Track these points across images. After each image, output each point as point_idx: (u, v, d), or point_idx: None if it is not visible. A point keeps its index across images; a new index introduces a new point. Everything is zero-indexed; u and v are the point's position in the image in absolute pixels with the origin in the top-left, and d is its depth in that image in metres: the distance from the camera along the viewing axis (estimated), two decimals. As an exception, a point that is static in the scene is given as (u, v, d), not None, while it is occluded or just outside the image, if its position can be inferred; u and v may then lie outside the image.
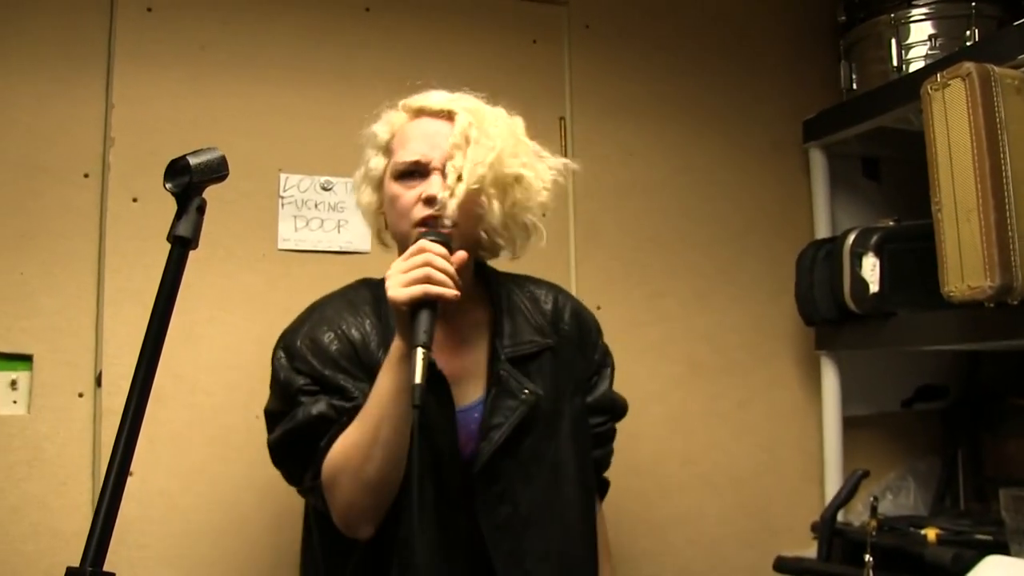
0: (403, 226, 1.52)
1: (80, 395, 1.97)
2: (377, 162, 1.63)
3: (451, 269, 1.37)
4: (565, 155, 2.37)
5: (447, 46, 2.31)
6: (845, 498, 2.17)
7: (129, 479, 1.94)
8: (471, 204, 1.50)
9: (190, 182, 1.17)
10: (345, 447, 1.43)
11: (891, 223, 2.21)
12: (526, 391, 1.54)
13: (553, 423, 1.58)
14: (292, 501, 2.06)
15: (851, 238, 2.22)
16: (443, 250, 1.38)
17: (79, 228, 2.00)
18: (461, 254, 1.43)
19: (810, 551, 2.37)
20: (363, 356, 1.53)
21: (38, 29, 2.01)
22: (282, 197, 2.14)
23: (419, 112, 1.63)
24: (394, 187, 1.55)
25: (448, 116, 1.58)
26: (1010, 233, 1.83)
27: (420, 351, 1.28)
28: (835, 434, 2.43)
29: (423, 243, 1.38)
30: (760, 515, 2.43)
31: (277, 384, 1.57)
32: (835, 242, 2.29)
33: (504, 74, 2.34)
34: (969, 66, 1.87)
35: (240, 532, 2.03)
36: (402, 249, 1.52)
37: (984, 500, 2.48)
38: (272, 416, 1.58)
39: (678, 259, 2.44)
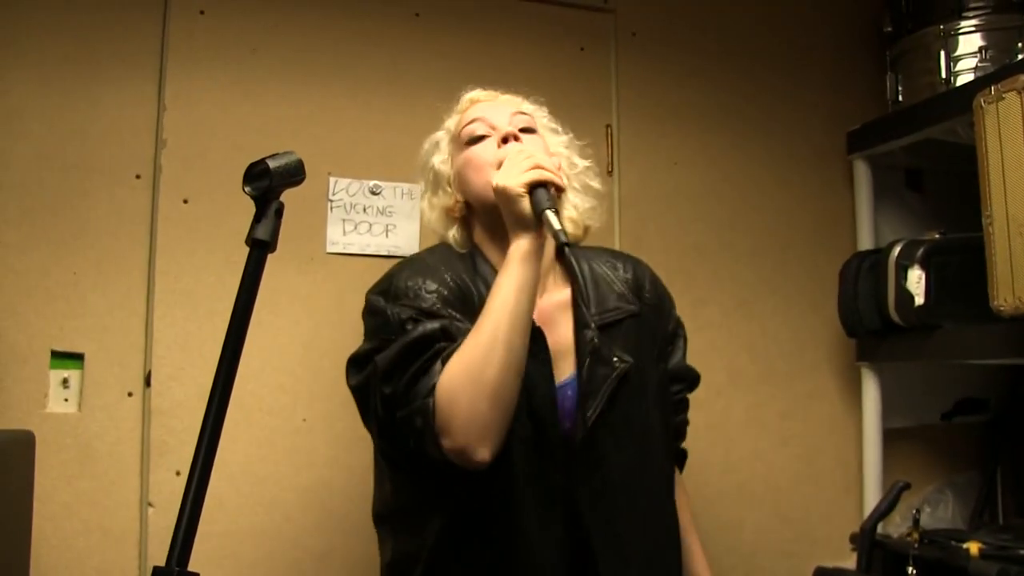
0: (485, 176, 1.52)
1: (130, 394, 1.99)
2: (442, 158, 1.66)
3: (552, 164, 1.44)
4: (611, 162, 2.39)
5: (495, 52, 2.32)
6: (886, 510, 2.16)
7: (176, 478, 2.00)
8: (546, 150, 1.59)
9: (269, 186, 1.17)
10: (463, 351, 1.37)
11: (937, 235, 2.20)
12: (616, 358, 1.53)
13: (641, 389, 1.57)
14: (336, 503, 2.08)
15: (896, 250, 2.21)
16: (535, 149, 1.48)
17: (130, 229, 2.03)
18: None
19: (848, 562, 2.36)
20: (465, 296, 1.50)
21: (91, 31, 2.04)
22: (331, 200, 2.15)
23: (473, 101, 1.70)
24: (467, 152, 1.59)
25: (507, 100, 1.69)
26: (1063, 249, 1.83)
27: (550, 212, 1.35)
28: (875, 446, 2.43)
29: (517, 145, 1.50)
30: (798, 525, 2.43)
31: (377, 320, 1.48)
32: (880, 254, 2.28)
33: (552, 81, 2.34)
34: (1024, 79, 1.86)
35: (283, 534, 2.05)
36: (485, 213, 1.56)
37: (1024, 515, 2.47)
38: (366, 355, 1.48)
39: (721, 268, 2.44)
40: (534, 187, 1.38)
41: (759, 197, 2.50)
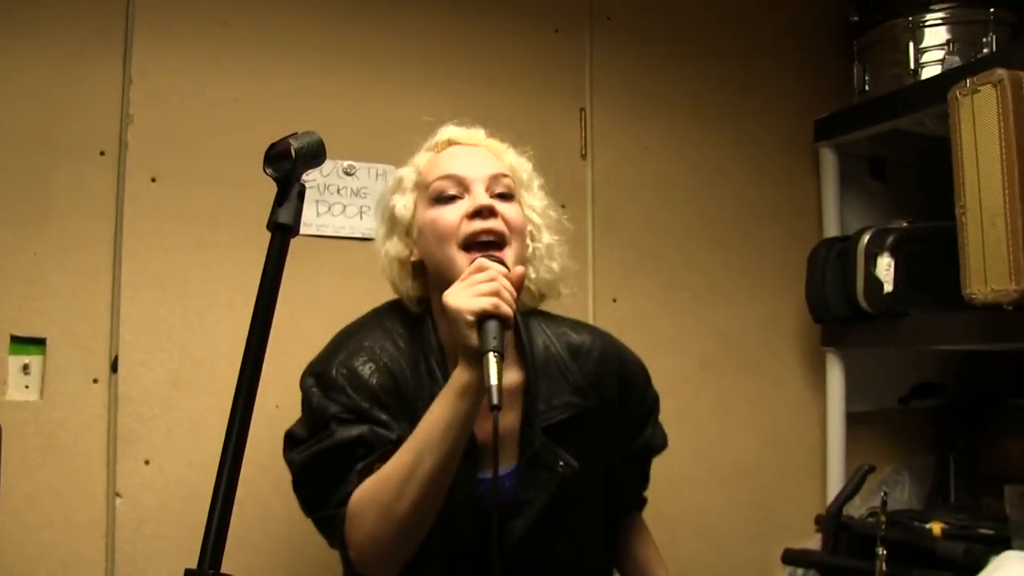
0: (446, 249, 1.43)
1: (95, 381, 1.91)
2: (404, 202, 1.52)
3: (513, 290, 1.31)
4: (585, 146, 2.37)
5: (471, 31, 2.28)
6: (851, 492, 2.21)
7: (146, 468, 1.93)
8: (522, 225, 1.49)
9: (293, 167, 1.11)
10: (379, 479, 1.32)
11: (905, 224, 2.24)
12: (561, 463, 1.46)
13: (583, 490, 1.53)
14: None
15: (866, 238, 2.25)
16: (503, 268, 1.33)
17: (95, 208, 1.94)
18: (519, 269, 1.37)
19: (813, 543, 2.41)
20: (404, 393, 1.44)
21: (53, -1, 1.93)
22: (304, 181, 2.08)
23: (449, 143, 1.57)
24: (431, 212, 1.47)
25: (486, 148, 1.56)
26: (1036, 239, 1.88)
27: (492, 356, 1.22)
28: (838, 430, 2.47)
29: (482, 261, 1.33)
30: (765, 508, 2.47)
31: (307, 411, 1.46)
32: (848, 241, 2.31)
33: (526, 62, 2.32)
34: (1002, 73, 1.90)
35: (260, 523, 1.99)
36: (440, 282, 1.43)
37: (976, 496, 2.54)
38: (297, 440, 1.47)
39: (692, 253, 2.45)
40: (485, 317, 1.26)
41: (728, 183, 2.52)
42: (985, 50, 2.23)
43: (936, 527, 2.14)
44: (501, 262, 1.36)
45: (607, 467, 1.60)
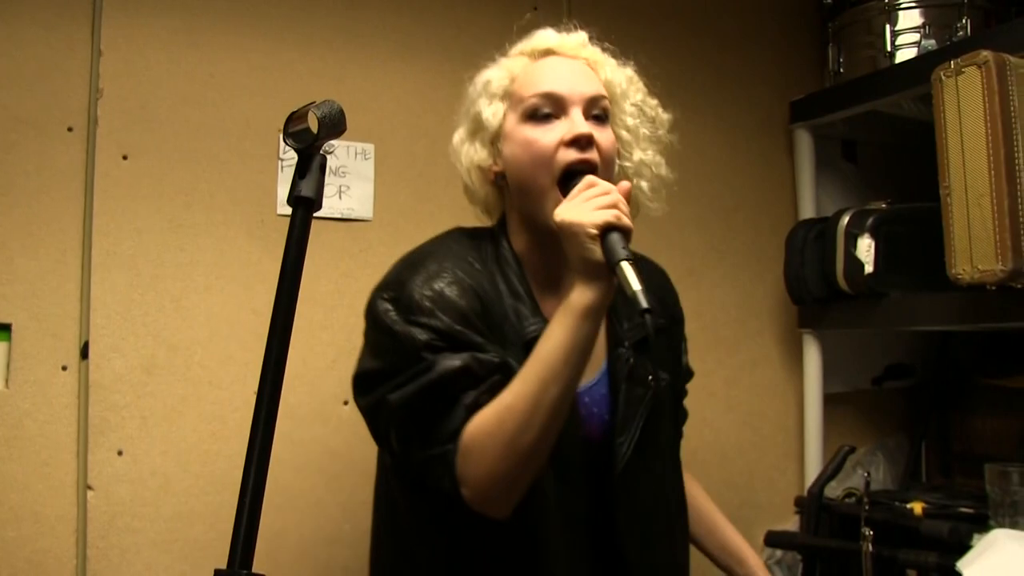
0: (542, 176, 1.35)
1: (64, 368, 1.82)
2: (494, 110, 1.42)
3: (626, 204, 1.24)
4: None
5: (450, 6, 2.22)
6: (832, 473, 2.21)
7: (119, 459, 1.85)
8: (613, 152, 1.41)
9: (315, 137, 1.05)
10: (499, 410, 1.23)
11: (884, 205, 2.25)
12: (652, 377, 1.45)
13: (668, 406, 1.53)
14: (289, 479, 1.97)
15: (846, 219, 2.25)
16: (611, 185, 1.26)
17: (63, 186, 1.84)
18: (626, 184, 1.28)
19: (791, 525, 2.42)
20: (492, 314, 1.35)
21: (15, -35, 1.83)
22: (281, 160, 2.01)
23: (546, 53, 1.46)
24: (524, 130, 1.38)
25: (584, 57, 1.46)
26: (1021, 219, 1.89)
27: (626, 264, 1.15)
28: (816, 411, 2.48)
29: (591, 177, 1.26)
30: (744, 491, 2.46)
31: (388, 339, 1.31)
32: (827, 223, 2.31)
33: (506, 40, 2.26)
34: (987, 54, 1.90)
35: (289, 518, 1.96)
36: (533, 213, 1.38)
37: (949, 475, 2.58)
38: (378, 376, 1.33)
39: (669, 236, 2.42)
40: (607, 230, 1.19)
41: (705, 165, 2.50)
42: (960, 33, 2.25)
43: (917, 507, 2.16)
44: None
45: (676, 385, 1.62)
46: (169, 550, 1.86)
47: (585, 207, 1.20)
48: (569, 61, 1.45)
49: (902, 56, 2.32)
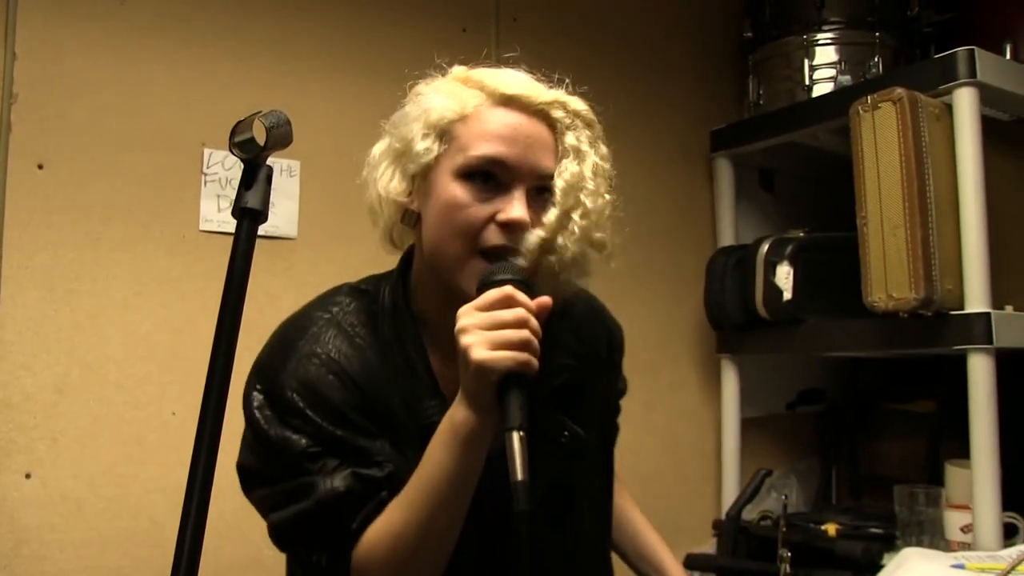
0: (459, 246, 1.17)
1: (-30, 386, 1.73)
2: (427, 146, 1.19)
3: (540, 330, 1.08)
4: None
5: (380, 24, 2.21)
6: (750, 496, 2.25)
7: (27, 482, 1.77)
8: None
9: (263, 147, 1.02)
10: (389, 537, 1.13)
11: (802, 234, 2.32)
12: (565, 433, 1.30)
13: (589, 457, 1.38)
14: (212, 505, 1.89)
15: (765, 246, 2.31)
16: (530, 301, 1.08)
17: (-29, 195, 1.75)
18: (545, 300, 1.10)
19: (708, 547, 2.45)
20: (375, 404, 1.20)
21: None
22: (205, 174, 1.96)
23: (508, 101, 1.22)
24: (456, 188, 1.18)
25: (545, 118, 1.24)
26: (933, 249, 1.97)
27: (517, 435, 1.00)
28: (733, 435, 2.52)
29: (511, 291, 1.07)
30: (662, 514, 2.45)
31: (263, 443, 1.19)
32: (747, 250, 2.37)
33: (434, 60, 2.26)
34: (901, 91, 1.99)
35: (151, 539, 1.84)
36: (447, 277, 1.19)
37: (858, 497, 2.65)
38: (257, 478, 1.21)
39: (592, 261, 2.44)
40: (510, 378, 1.04)
41: (626, 191, 2.47)
42: (873, 70, 2.35)
43: (831, 528, 2.22)
44: (531, 290, 1.10)
45: (604, 424, 1.48)
46: (78, 578, 1.77)
47: (492, 337, 1.04)
48: (529, 122, 1.22)
49: (819, 90, 2.41)
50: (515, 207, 1.16)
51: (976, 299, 1.97)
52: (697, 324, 2.55)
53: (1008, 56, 2.28)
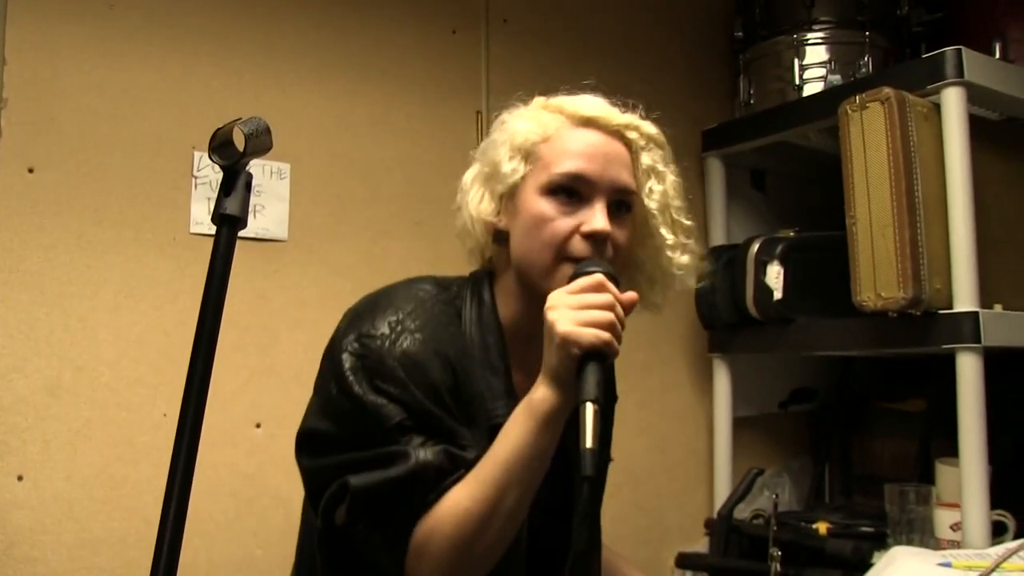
0: (545, 256, 1.23)
1: (-38, 390, 1.74)
2: (514, 167, 1.29)
3: (624, 319, 1.12)
4: (483, 150, 2.34)
5: (368, 26, 2.21)
6: (742, 495, 2.26)
7: (19, 484, 1.78)
8: (627, 247, 1.28)
9: (242, 154, 1.03)
10: (457, 513, 1.13)
11: (792, 233, 2.32)
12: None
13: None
14: (200, 504, 1.90)
15: (756, 246, 2.32)
16: (619, 293, 1.13)
17: (-38, 199, 1.76)
18: (633, 295, 1.15)
19: (701, 546, 2.46)
20: (465, 390, 1.23)
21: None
22: (195, 177, 1.97)
23: (587, 123, 1.31)
24: (542, 203, 1.25)
25: (621, 138, 1.31)
26: (921, 249, 1.98)
27: (591, 407, 1.03)
28: (725, 434, 2.53)
29: (602, 279, 1.12)
30: (653, 513, 2.50)
31: (353, 407, 1.19)
32: (737, 249, 2.38)
33: (424, 61, 2.28)
34: (889, 91, 2.00)
35: (143, 541, 1.84)
36: (534, 283, 1.25)
37: (850, 495, 2.66)
38: (330, 441, 1.21)
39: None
40: (591, 354, 1.08)
41: (620, 191, 2.54)
42: (864, 70, 2.36)
43: (822, 527, 2.22)
44: (614, 278, 1.15)
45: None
46: (70, 580, 1.79)
47: (580, 315, 1.09)
48: (607, 141, 1.30)
49: (810, 89, 2.42)
50: (597, 218, 1.23)
51: (964, 298, 1.98)
52: (689, 323, 2.56)
53: (997, 55, 2.29)
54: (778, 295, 2.26)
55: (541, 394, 1.12)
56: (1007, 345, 2.02)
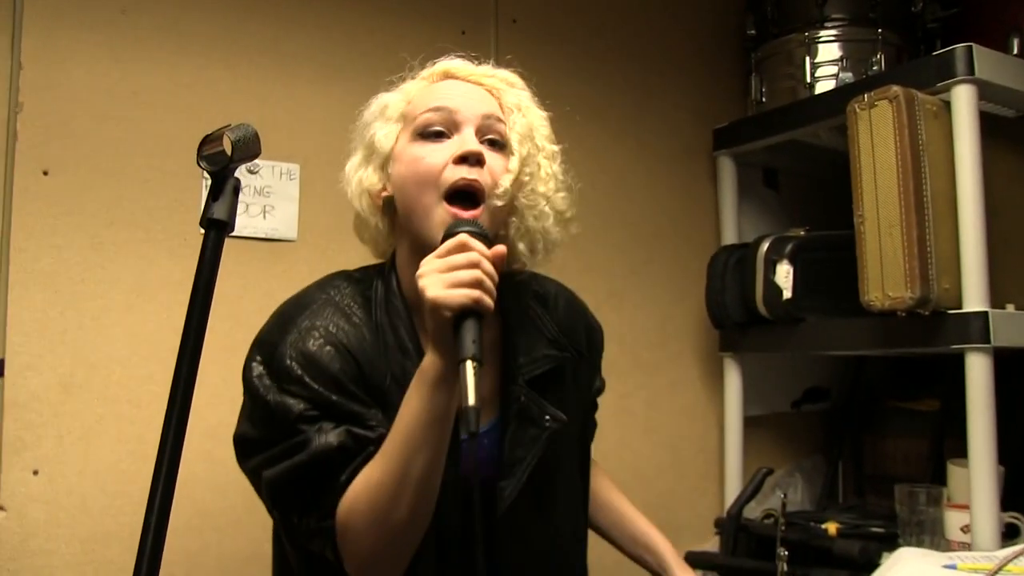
0: (427, 195, 1.26)
1: (-21, 386, 1.79)
2: (387, 131, 1.34)
3: (495, 274, 1.14)
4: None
5: (377, 29, 2.24)
6: (751, 494, 2.25)
7: (34, 478, 1.82)
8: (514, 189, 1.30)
9: (229, 160, 1.06)
10: (369, 488, 1.18)
11: (802, 232, 2.32)
12: (548, 417, 1.35)
13: (567, 445, 1.44)
14: (208, 499, 1.95)
15: (765, 245, 2.31)
16: (486, 249, 1.15)
17: (-21, 201, 1.81)
18: (501, 248, 1.17)
19: (711, 545, 2.46)
20: (370, 377, 1.27)
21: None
22: (205, 179, 2.00)
23: (446, 75, 1.39)
24: (415, 148, 1.29)
25: (483, 86, 1.37)
26: (929, 248, 1.96)
27: (471, 364, 1.05)
28: (736, 433, 2.53)
29: (465, 238, 1.14)
30: (663, 512, 2.48)
31: (262, 409, 1.25)
32: (747, 248, 2.37)
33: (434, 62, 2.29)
34: (897, 89, 1.99)
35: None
36: (420, 233, 1.28)
37: (862, 495, 2.65)
38: (255, 445, 1.26)
39: (594, 258, 2.46)
40: (464, 315, 1.10)
41: (628, 190, 2.55)
42: (875, 67, 2.34)
43: (831, 527, 2.22)
44: (487, 240, 1.18)
45: (582, 420, 1.54)
46: (84, 572, 1.83)
47: (446, 278, 1.11)
48: (469, 87, 1.37)
49: (821, 88, 2.41)
50: (467, 141, 1.27)
51: (974, 298, 1.96)
52: (699, 322, 2.56)
53: (1016, 51, 2.25)
54: (787, 294, 2.26)
55: (427, 360, 1.16)
56: (1018, 345, 2.00)
